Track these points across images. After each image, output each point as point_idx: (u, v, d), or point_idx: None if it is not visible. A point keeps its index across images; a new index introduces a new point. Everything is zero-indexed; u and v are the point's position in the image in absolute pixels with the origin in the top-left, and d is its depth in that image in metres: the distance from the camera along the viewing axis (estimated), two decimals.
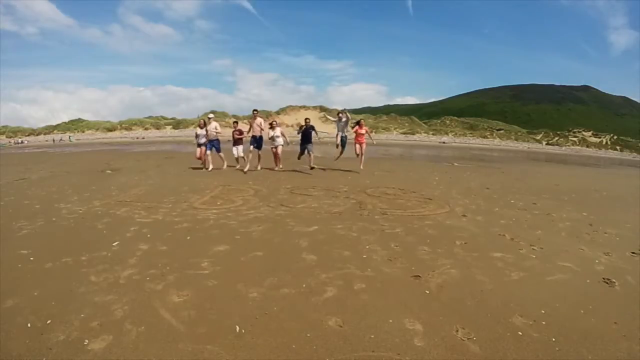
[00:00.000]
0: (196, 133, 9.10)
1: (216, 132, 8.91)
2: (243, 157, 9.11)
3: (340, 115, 9.22)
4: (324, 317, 2.00)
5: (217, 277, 2.51)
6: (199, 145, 9.00)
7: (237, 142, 9.15)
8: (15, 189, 6.26)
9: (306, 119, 9.28)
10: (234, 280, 2.46)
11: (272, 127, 8.78)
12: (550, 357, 1.69)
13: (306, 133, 8.72)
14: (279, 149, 8.90)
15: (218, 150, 8.92)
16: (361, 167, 8.84)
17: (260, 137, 8.63)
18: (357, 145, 8.98)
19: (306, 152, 8.72)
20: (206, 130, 8.88)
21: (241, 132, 9.25)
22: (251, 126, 8.65)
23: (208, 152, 8.74)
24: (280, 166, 9.05)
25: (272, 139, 8.85)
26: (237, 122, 9.60)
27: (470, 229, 3.85)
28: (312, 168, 8.57)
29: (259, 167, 8.79)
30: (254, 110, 8.85)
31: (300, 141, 8.88)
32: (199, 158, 9.06)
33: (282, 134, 8.95)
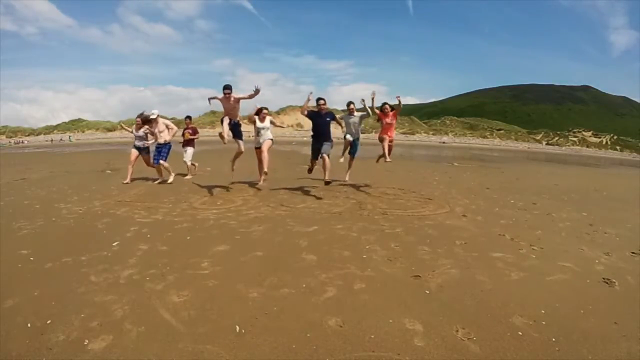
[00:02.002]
0: (134, 134, 7.00)
1: (164, 133, 6.69)
2: (193, 164, 7.66)
3: (352, 106, 6.22)
4: (324, 317, 2.00)
5: (217, 277, 2.51)
6: (138, 148, 6.91)
7: (187, 143, 7.60)
8: (15, 189, 6.26)
9: (319, 99, 5.66)
10: (234, 280, 2.46)
11: (259, 115, 5.92)
12: (550, 357, 1.69)
13: (321, 124, 5.59)
14: (266, 146, 5.82)
15: (164, 159, 6.71)
16: (388, 159, 6.09)
17: (237, 123, 5.87)
18: (385, 140, 6.04)
19: (319, 156, 5.62)
20: (148, 133, 6.79)
21: (195, 132, 7.73)
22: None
23: (162, 162, 6.61)
24: (265, 177, 6.02)
25: (259, 133, 5.96)
26: (189, 118, 7.96)
27: (470, 229, 3.85)
28: (327, 183, 5.58)
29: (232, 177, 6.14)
30: (225, 87, 5.58)
31: (311, 138, 5.82)
32: (132, 164, 6.88)
33: (274, 123, 6.28)
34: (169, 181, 6.68)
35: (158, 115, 6.64)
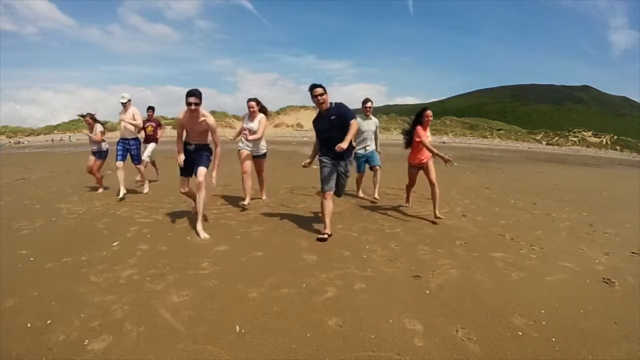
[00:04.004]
0: (89, 137, 5.73)
1: (134, 127, 5.37)
2: (152, 161, 6.60)
3: (370, 105, 4.93)
4: (324, 317, 2.00)
5: (217, 277, 2.51)
6: (93, 153, 5.72)
7: (149, 139, 6.60)
8: (15, 189, 6.26)
9: (314, 87, 3.34)
10: (234, 280, 2.46)
11: (251, 111, 4.51)
12: (550, 357, 1.69)
13: (325, 130, 3.40)
14: (262, 165, 4.80)
15: (137, 161, 5.61)
16: (438, 214, 4.10)
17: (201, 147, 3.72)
18: (416, 170, 4.33)
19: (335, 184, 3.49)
20: (103, 133, 5.63)
21: (159, 125, 6.69)
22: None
23: (139, 166, 5.61)
24: (264, 197, 5.06)
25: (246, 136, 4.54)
26: (152, 110, 6.69)
27: (470, 229, 3.85)
28: (322, 238, 3.34)
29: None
30: (191, 94, 3.35)
31: (319, 145, 3.55)
32: (90, 172, 5.72)
33: (262, 126, 4.47)
34: (145, 191, 5.72)
35: (129, 101, 5.24)
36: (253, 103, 4.54)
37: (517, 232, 3.79)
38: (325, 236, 3.37)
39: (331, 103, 3.41)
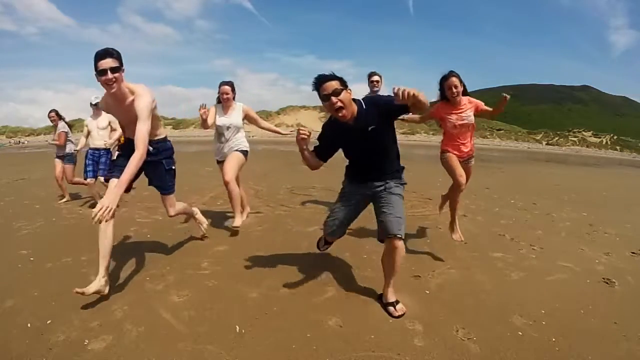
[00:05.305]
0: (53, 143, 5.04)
1: (104, 132, 4.63)
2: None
3: (377, 78, 3.94)
4: (324, 317, 2.00)
5: (217, 277, 2.51)
6: (61, 157, 5.02)
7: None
8: (15, 189, 6.26)
9: (321, 80, 1.89)
10: (234, 280, 2.46)
11: (224, 98, 3.39)
12: (550, 357, 1.69)
13: (369, 140, 2.02)
14: (231, 170, 3.33)
15: (102, 172, 4.66)
16: (457, 237, 3.18)
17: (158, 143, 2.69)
18: (457, 162, 3.23)
19: (386, 235, 2.07)
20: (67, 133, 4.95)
21: None
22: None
23: (101, 178, 4.55)
24: (244, 217, 3.69)
25: (221, 136, 3.48)
26: None
27: (470, 229, 3.84)
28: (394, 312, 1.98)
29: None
30: (103, 54, 1.93)
31: (348, 166, 2.31)
32: (60, 181, 5.08)
33: (256, 122, 3.67)
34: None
35: (98, 106, 4.34)
36: (227, 88, 3.35)
37: (517, 232, 3.79)
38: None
39: (356, 101, 2.06)
